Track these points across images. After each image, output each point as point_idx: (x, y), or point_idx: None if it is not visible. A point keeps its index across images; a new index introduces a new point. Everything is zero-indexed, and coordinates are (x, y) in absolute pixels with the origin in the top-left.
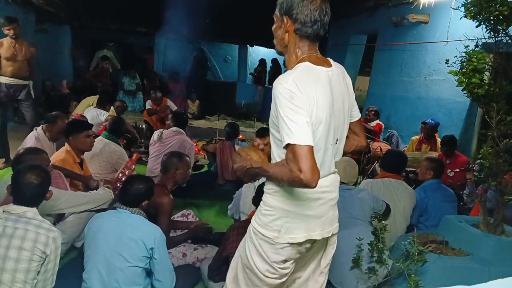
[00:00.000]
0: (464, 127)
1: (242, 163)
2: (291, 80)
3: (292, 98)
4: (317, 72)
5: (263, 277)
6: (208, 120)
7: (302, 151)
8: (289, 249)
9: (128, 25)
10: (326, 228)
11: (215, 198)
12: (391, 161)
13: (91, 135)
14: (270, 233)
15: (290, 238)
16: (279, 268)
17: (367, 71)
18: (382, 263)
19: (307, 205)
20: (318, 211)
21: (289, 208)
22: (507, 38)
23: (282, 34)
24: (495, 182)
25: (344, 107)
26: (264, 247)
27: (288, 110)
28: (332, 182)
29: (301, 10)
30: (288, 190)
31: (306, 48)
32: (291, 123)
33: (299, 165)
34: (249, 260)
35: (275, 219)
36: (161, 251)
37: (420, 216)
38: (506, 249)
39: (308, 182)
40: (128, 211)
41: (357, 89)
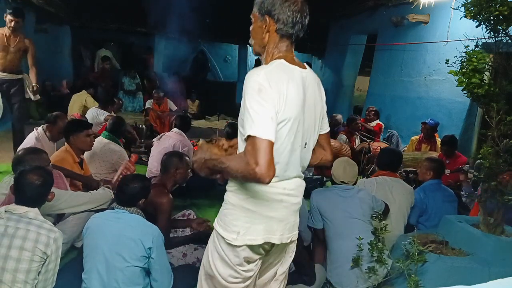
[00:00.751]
0: (464, 127)
1: (201, 154)
2: (263, 73)
3: (260, 91)
4: (291, 70)
5: (225, 283)
6: (208, 120)
7: (262, 144)
8: (248, 250)
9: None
10: (285, 234)
11: (215, 198)
12: (385, 159)
13: (91, 135)
14: (229, 234)
15: (249, 239)
16: (242, 271)
17: (367, 71)
18: (382, 263)
19: (269, 205)
20: (280, 214)
21: (250, 207)
22: (507, 38)
23: (263, 34)
24: (495, 182)
25: (315, 112)
26: (226, 250)
27: (254, 102)
28: (297, 187)
29: (283, 11)
30: (250, 189)
31: (284, 48)
32: (255, 115)
33: (256, 158)
34: (211, 266)
35: (235, 219)
36: (159, 250)
37: (420, 216)
38: (506, 249)
39: (262, 177)
40: (126, 211)
41: (357, 89)
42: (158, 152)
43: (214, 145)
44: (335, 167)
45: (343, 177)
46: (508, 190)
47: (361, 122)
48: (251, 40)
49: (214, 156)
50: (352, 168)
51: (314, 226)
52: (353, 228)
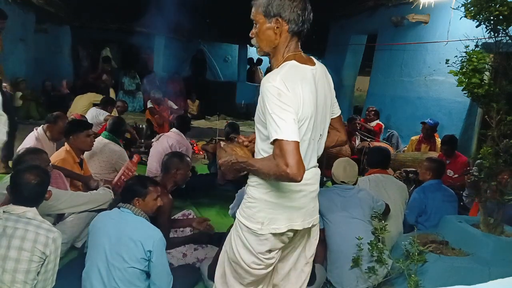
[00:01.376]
0: (464, 127)
1: (227, 158)
2: (279, 78)
3: (280, 95)
4: (303, 71)
5: (249, 269)
6: (208, 120)
7: (289, 146)
8: (272, 239)
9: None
10: (307, 219)
11: (215, 198)
12: (374, 158)
13: (91, 135)
14: (254, 225)
15: (273, 228)
16: (264, 258)
17: (367, 71)
18: (382, 263)
19: (289, 196)
20: (299, 203)
21: (272, 199)
22: (507, 38)
23: (273, 35)
24: (495, 182)
25: (326, 104)
26: (249, 239)
27: (275, 107)
28: (313, 175)
29: (292, 11)
30: (271, 183)
31: (293, 47)
32: (279, 120)
33: (286, 160)
34: (235, 253)
35: (259, 211)
36: (159, 254)
37: (419, 216)
38: (506, 249)
39: (294, 176)
40: (130, 212)
41: (357, 89)
42: (156, 152)
43: (235, 145)
44: (335, 167)
45: (344, 177)
46: (508, 190)
47: (361, 122)
48: (255, 42)
49: (241, 158)
50: (352, 168)
51: None
52: (353, 228)
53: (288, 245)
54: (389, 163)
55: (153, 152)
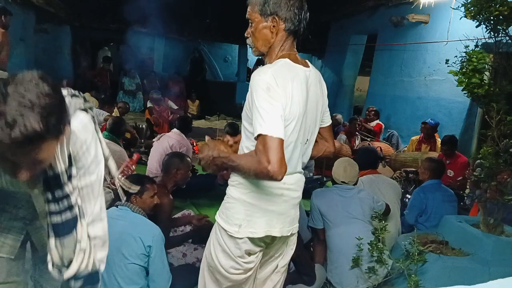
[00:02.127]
0: (464, 127)
1: (209, 152)
2: (270, 72)
3: (268, 90)
4: (296, 70)
5: (227, 274)
6: (208, 120)
7: (273, 142)
8: (249, 243)
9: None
10: (286, 227)
11: (215, 198)
12: (363, 159)
13: None
14: (231, 227)
15: (250, 232)
16: (243, 262)
17: (367, 71)
18: (382, 263)
19: (270, 200)
20: (280, 208)
21: (252, 201)
22: (507, 38)
23: (269, 34)
24: (495, 182)
25: (317, 110)
26: (227, 242)
27: (263, 101)
28: (296, 181)
29: (289, 9)
30: (252, 183)
31: (288, 46)
32: (265, 114)
33: (268, 156)
34: (213, 258)
35: (237, 212)
36: (158, 250)
37: (419, 216)
38: (506, 249)
39: (275, 174)
40: (129, 209)
41: (357, 89)
42: (157, 152)
43: (220, 142)
44: (335, 167)
45: (344, 177)
46: (508, 190)
47: (361, 122)
48: (251, 42)
49: (222, 154)
50: (352, 168)
51: (315, 226)
52: (353, 228)
53: (267, 252)
54: (378, 162)
55: (154, 152)
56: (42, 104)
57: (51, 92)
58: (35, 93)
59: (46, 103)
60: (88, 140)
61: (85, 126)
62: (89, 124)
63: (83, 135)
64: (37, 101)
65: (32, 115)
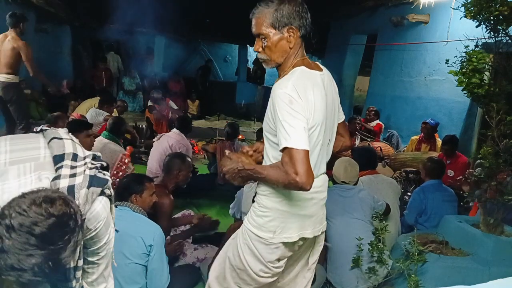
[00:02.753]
0: (464, 127)
1: (233, 165)
2: (291, 85)
3: (291, 103)
4: (314, 76)
5: (256, 277)
6: (208, 120)
7: (299, 155)
8: (283, 248)
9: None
10: (317, 227)
11: (215, 198)
12: (363, 159)
13: (91, 135)
14: (265, 234)
15: (285, 237)
16: (273, 267)
17: (367, 71)
18: (382, 263)
19: (301, 205)
20: (311, 211)
21: (285, 208)
22: (507, 38)
23: (286, 45)
24: (495, 182)
25: (334, 109)
26: (259, 248)
27: (286, 114)
28: (323, 182)
29: (301, 16)
30: (282, 191)
31: (301, 52)
32: (289, 127)
33: (295, 168)
34: (242, 260)
35: (271, 220)
36: (158, 249)
37: (419, 216)
38: (506, 249)
39: (304, 185)
40: (129, 209)
41: (357, 89)
42: (157, 152)
43: (240, 153)
44: (336, 167)
45: (344, 177)
46: (508, 190)
47: (361, 122)
48: (265, 56)
49: (247, 166)
50: (353, 168)
51: None
52: (353, 228)
53: (295, 253)
54: (377, 162)
55: (154, 152)
56: (48, 250)
57: (58, 228)
58: (41, 233)
59: (51, 248)
60: (100, 230)
61: (97, 216)
62: (103, 212)
63: (94, 224)
64: (42, 245)
65: (37, 259)
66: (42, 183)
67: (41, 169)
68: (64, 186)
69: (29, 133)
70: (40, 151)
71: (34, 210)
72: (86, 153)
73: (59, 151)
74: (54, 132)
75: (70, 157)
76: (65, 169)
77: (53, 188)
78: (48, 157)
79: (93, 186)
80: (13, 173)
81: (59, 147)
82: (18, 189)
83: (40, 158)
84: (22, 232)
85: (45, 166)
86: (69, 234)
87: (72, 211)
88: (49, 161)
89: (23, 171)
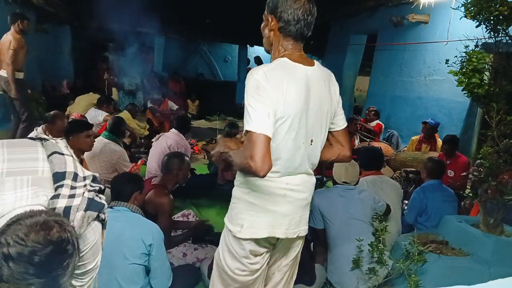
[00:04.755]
0: (464, 127)
1: (218, 148)
2: (262, 72)
3: (258, 88)
4: (293, 68)
5: (233, 275)
6: (208, 120)
7: (256, 139)
8: (253, 244)
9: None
10: (291, 229)
11: (215, 198)
12: (368, 159)
13: (91, 135)
14: (234, 227)
15: (252, 233)
16: (248, 263)
17: (367, 71)
18: (382, 264)
19: (271, 200)
20: (284, 209)
21: (253, 200)
22: (507, 38)
23: (267, 32)
24: (495, 182)
25: (321, 110)
26: (232, 243)
27: (252, 99)
28: (302, 182)
29: (285, 9)
30: (253, 183)
31: (290, 46)
32: (252, 111)
33: (251, 151)
34: (221, 259)
35: (239, 212)
36: (158, 248)
37: (419, 216)
38: (506, 249)
39: (257, 170)
40: (127, 209)
41: (357, 89)
42: (156, 152)
43: (232, 139)
44: (336, 167)
45: (345, 177)
46: (508, 190)
47: (361, 122)
48: (263, 38)
49: (226, 149)
50: (354, 168)
51: (315, 226)
52: (354, 229)
53: (274, 253)
54: (382, 163)
55: (152, 152)
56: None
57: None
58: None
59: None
60: (86, 253)
61: (84, 239)
62: (91, 236)
63: (81, 247)
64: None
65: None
66: (38, 200)
67: (38, 185)
68: (61, 206)
69: (26, 140)
70: (38, 163)
71: (32, 238)
72: (85, 173)
73: (61, 168)
74: (55, 145)
75: (71, 177)
76: (65, 189)
77: (50, 206)
78: (46, 172)
79: (90, 210)
80: (9, 185)
81: (61, 164)
82: (14, 202)
83: (38, 171)
84: (21, 262)
85: (42, 182)
86: (67, 260)
87: (69, 235)
88: (48, 176)
89: (19, 184)
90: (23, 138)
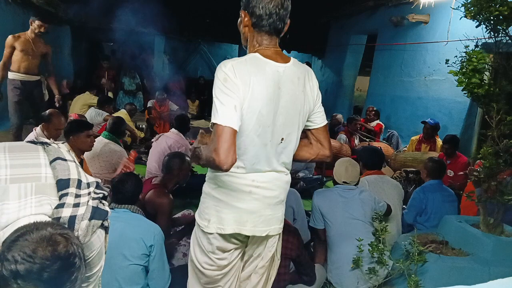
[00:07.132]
0: (464, 127)
1: (194, 144)
2: (230, 65)
3: (225, 80)
4: (263, 64)
5: (202, 269)
6: (208, 120)
7: (221, 131)
8: (220, 239)
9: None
10: (259, 227)
11: None
12: (370, 159)
13: (91, 135)
14: (202, 222)
15: (218, 228)
16: (216, 258)
17: (367, 71)
18: (383, 264)
19: (237, 196)
20: (250, 206)
21: (220, 196)
22: (507, 38)
23: (241, 28)
24: (495, 182)
25: (295, 107)
26: (200, 236)
27: (219, 91)
28: (271, 180)
29: (256, 4)
30: (219, 178)
31: (264, 42)
32: (219, 104)
33: (215, 144)
34: (191, 252)
35: (207, 207)
36: (158, 249)
37: (419, 216)
38: (506, 249)
39: (220, 163)
40: (128, 210)
41: (357, 89)
42: (156, 152)
43: (207, 135)
44: (337, 167)
45: (345, 177)
46: (508, 190)
47: (361, 122)
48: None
49: (200, 144)
50: (354, 168)
51: (315, 226)
52: (354, 229)
53: (247, 251)
54: (383, 163)
55: (152, 152)
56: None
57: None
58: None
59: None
60: (92, 259)
61: (90, 246)
62: (97, 242)
63: (87, 254)
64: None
65: None
66: (42, 209)
67: (42, 193)
68: (66, 215)
69: (28, 144)
70: (41, 169)
71: (40, 255)
72: (89, 179)
73: (64, 175)
74: (57, 150)
75: (75, 184)
76: (69, 198)
77: (55, 216)
78: (49, 178)
79: (95, 218)
80: (13, 193)
81: (64, 171)
82: (18, 212)
83: (41, 178)
84: (31, 279)
85: (46, 189)
86: (75, 273)
87: (75, 248)
88: (51, 183)
89: (24, 192)
90: (24, 142)
